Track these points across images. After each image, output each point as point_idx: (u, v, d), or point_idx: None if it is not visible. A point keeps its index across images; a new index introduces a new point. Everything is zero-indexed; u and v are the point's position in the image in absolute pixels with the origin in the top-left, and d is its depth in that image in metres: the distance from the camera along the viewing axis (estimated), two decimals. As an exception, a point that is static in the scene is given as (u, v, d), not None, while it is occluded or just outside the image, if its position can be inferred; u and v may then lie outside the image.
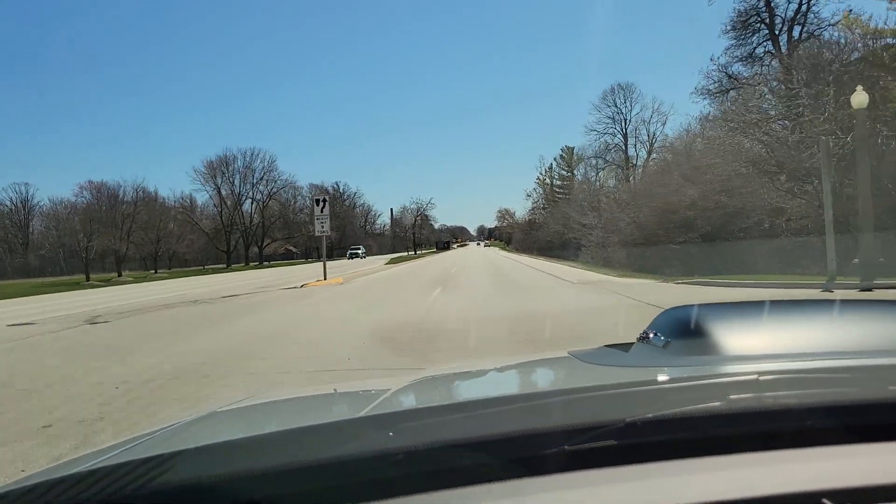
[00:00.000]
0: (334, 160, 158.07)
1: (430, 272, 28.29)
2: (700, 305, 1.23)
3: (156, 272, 53.77)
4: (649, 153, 54.54)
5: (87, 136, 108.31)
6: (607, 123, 56.28)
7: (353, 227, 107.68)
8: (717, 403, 0.79)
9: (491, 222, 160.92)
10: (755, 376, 0.82)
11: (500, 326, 8.70)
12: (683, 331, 1.18)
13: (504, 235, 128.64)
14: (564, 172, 72.42)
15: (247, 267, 63.76)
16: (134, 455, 0.85)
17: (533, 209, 77.92)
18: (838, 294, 10.53)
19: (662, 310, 1.39)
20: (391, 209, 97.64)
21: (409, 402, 1.27)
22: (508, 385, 1.53)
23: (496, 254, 68.73)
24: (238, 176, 76.96)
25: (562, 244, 49.48)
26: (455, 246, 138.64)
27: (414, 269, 33.29)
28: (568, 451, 0.73)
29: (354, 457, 0.74)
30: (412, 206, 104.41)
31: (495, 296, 14.49)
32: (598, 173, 56.62)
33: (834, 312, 1.22)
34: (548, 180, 74.90)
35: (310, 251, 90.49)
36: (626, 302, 11.43)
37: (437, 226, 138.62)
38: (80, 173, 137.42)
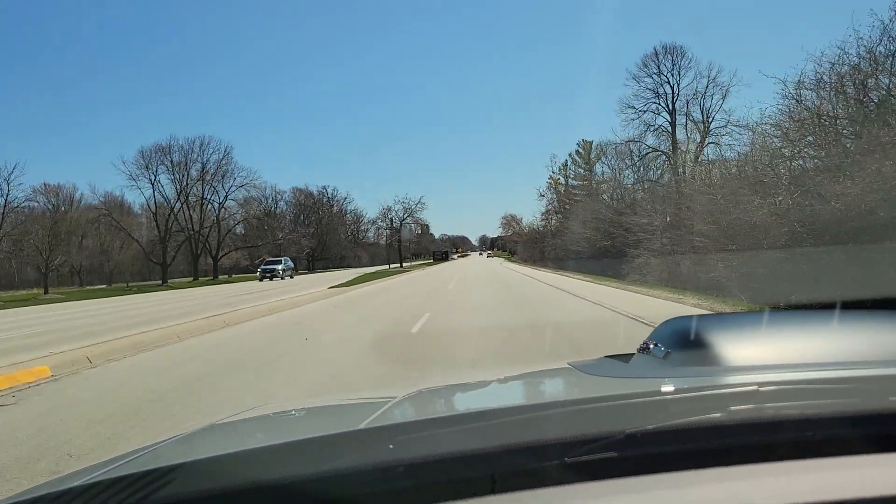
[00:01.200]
0: (329, 166, 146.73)
1: (372, 317, 14.71)
2: (699, 316, 1.21)
3: (46, 292, 40.25)
4: (704, 135, 40.89)
5: (86, 137, 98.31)
6: (648, 98, 42.36)
7: (338, 236, 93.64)
8: (717, 415, 0.78)
9: (493, 232, 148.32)
10: (755, 387, 0.81)
11: None
12: (683, 342, 1.16)
13: (508, 245, 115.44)
14: (582, 171, 59.12)
15: (193, 283, 50.21)
16: (135, 468, 0.85)
17: (546, 212, 64.45)
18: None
19: None
20: (390, 219, 78.23)
21: (409, 414, 1.24)
22: (509, 397, 1.49)
23: (503, 267, 54.38)
24: (176, 169, 60.22)
25: (592, 254, 36.47)
26: (455, 256, 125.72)
27: (355, 305, 19.23)
28: (568, 463, 0.73)
29: (354, 469, 0.73)
30: (398, 207, 79.52)
31: None
32: (635, 161, 42.96)
33: (834, 322, 1.19)
34: (562, 180, 61.56)
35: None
36: None
37: (437, 235, 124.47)
38: (77, 174, 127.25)
